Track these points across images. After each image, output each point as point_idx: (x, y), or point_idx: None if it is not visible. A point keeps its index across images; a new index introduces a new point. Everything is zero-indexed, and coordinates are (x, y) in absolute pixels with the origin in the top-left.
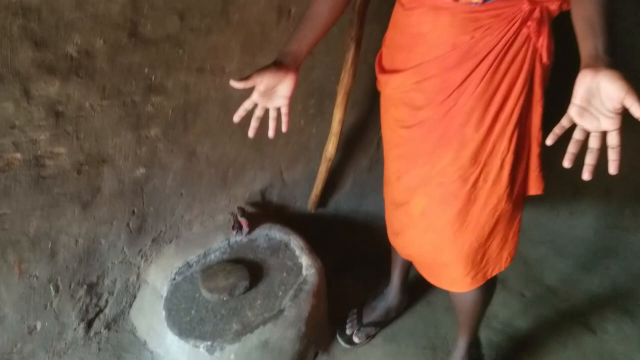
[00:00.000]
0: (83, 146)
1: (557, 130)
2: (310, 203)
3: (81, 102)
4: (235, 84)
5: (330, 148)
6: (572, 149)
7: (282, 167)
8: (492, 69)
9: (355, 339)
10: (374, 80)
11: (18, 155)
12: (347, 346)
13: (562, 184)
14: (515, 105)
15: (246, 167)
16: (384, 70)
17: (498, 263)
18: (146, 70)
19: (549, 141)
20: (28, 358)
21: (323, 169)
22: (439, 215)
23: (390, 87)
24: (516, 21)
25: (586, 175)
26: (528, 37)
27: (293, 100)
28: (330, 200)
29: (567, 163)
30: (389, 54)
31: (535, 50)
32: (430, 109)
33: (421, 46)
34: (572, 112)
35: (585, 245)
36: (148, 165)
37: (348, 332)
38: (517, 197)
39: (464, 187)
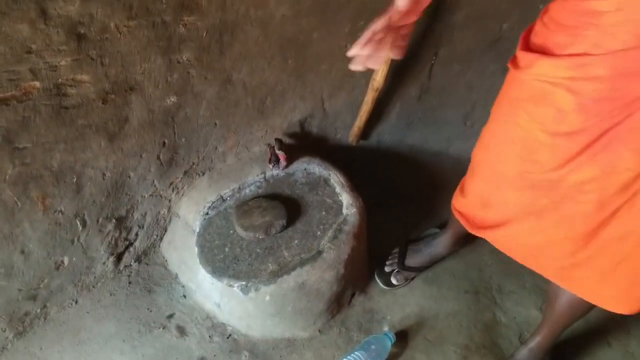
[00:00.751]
0: (108, 73)
1: None
2: (351, 135)
3: (105, 22)
4: None
5: (379, 77)
6: None
7: (323, 96)
8: None
9: (394, 281)
10: None
11: (36, 84)
12: (385, 287)
13: None
14: None
15: (285, 95)
16: (528, 47)
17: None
18: None
19: None
20: (56, 292)
21: (369, 99)
22: (559, 227)
23: (530, 73)
24: None
25: None
26: None
27: (340, 21)
28: (373, 132)
29: None
30: (544, 31)
31: None
32: (584, 120)
33: (592, 30)
34: None
35: None
36: (180, 93)
37: (387, 270)
38: None
39: (600, 214)
